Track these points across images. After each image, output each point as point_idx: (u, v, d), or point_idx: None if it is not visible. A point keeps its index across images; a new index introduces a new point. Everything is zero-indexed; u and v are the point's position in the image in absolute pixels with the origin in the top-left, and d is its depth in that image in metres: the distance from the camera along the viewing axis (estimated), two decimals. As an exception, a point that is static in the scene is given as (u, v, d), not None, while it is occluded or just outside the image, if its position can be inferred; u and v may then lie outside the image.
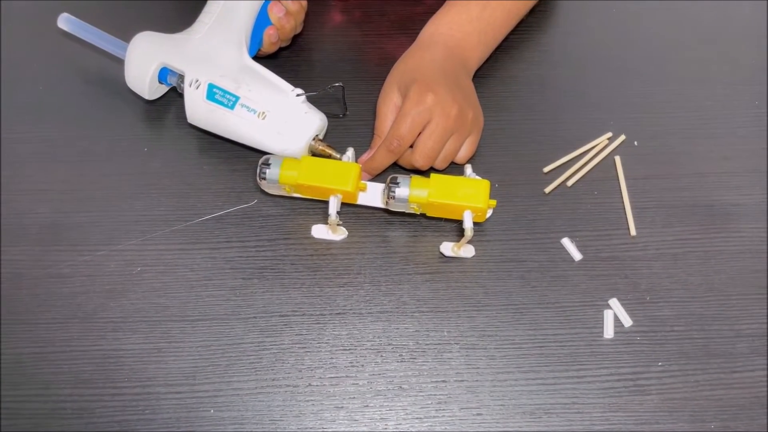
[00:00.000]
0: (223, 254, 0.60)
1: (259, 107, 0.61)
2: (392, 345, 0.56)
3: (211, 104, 0.61)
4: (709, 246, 0.61)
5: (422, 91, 0.59)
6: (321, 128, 0.63)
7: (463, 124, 0.61)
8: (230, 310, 0.57)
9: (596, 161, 0.66)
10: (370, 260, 0.60)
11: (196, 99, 0.62)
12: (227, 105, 0.61)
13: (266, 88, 0.62)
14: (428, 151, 0.60)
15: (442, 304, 0.58)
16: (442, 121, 0.59)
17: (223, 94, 0.61)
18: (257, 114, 0.60)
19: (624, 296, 0.58)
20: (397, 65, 0.65)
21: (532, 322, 0.57)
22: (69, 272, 0.59)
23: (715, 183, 0.65)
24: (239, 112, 0.61)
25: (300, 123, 0.61)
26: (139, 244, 0.60)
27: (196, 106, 0.62)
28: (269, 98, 0.61)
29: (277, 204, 0.63)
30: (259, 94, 0.61)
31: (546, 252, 0.61)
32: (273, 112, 0.61)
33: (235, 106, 0.61)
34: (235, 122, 0.61)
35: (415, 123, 0.59)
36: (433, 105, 0.59)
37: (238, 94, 0.61)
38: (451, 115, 0.59)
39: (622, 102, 0.70)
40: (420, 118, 0.59)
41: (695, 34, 0.76)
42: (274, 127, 0.61)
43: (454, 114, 0.60)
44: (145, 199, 0.63)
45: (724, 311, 0.58)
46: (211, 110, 0.62)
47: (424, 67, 0.62)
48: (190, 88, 0.62)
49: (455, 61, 0.64)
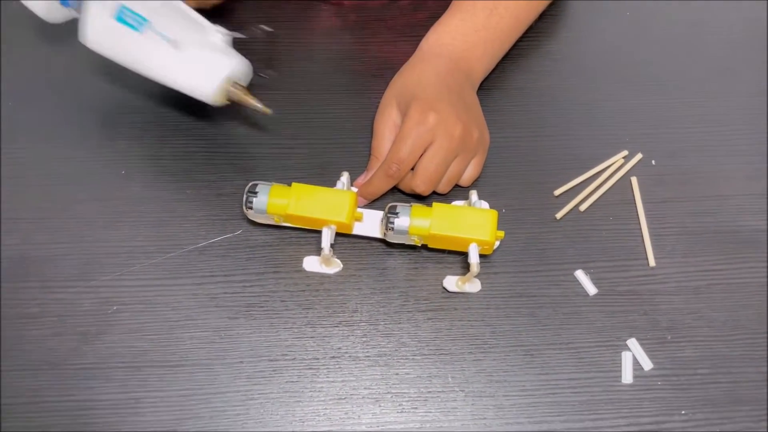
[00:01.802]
0: (207, 290, 0.55)
1: (172, 35, 0.54)
2: (391, 393, 0.51)
3: (119, 25, 0.54)
4: (734, 278, 0.57)
5: (423, 109, 0.54)
6: (241, 73, 0.56)
7: (468, 144, 0.56)
8: (214, 354, 0.52)
9: (611, 183, 0.61)
10: (366, 296, 0.55)
11: (102, 17, 0.55)
12: (137, 28, 0.54)
13: (185, 20, 0.55)
14: (430, 174, 0.55)
15: (446, 345, 0.53)
16: (446, 143, 0.54)
17: (135, 17, 0.54)
18: (170, 42, 0.54)
19: (643, 335, 0.54)
20: (396, 79, 0.60)
21: (543, 365, 0.53)
22: (38, 312, 0.54)
23: (740, 206, 0.60)
24: (150, 36, 0.54)
25: (215, 60, 0.55)
26: (115, 280, 0.55)
27: (101, 26, 0.55)
28: (186, 29, 0.55)
29: (265, 233, 0.58)
30: (175, 23, 0.55)
31: (558, 286, 0.56)
32: (188, 43, 0.54)
33: (145, 30, 0.54)
34: (144, 48, 0.55)
35: (416, 145, 0.54)
36: (435, 125, 0.54)
37: (151, 19, 0.54)
38: (454, 136, 0.54)
39: (638, 116, 0.65)
40: (421, 140, 0.54)
41: (719, 39, 0.70)
42: (187, 60, 0.55)
43: (458, 134, 0.55)
44: (121, 228, 0.58)
45: (752, 351, 0.53)
46: (117, 31, 0.54)
47: (425, 81, 0.57)
48: (96, 3, 0.55)
49: (459, 74, 0.59)
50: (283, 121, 0.63)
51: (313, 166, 0.61)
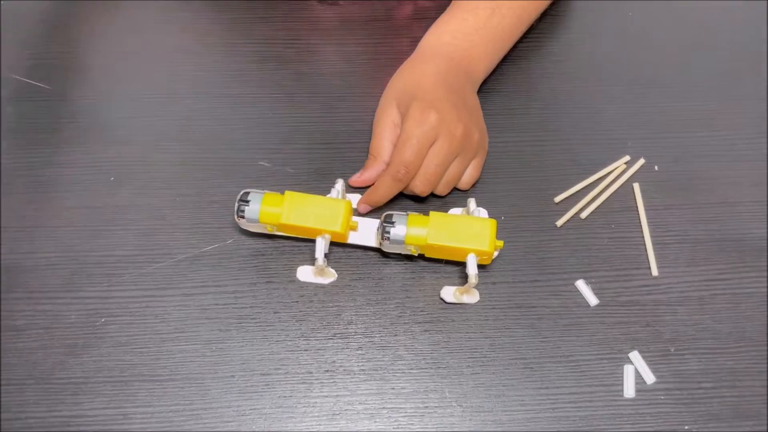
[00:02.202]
0: (198, 301, 0.53)
1: None
2: (387, 408, 0.50)
3: None
4: (739, 288, 0.55)
5: (424, 109, 0.53)
6: None
7: (469, 145, 0.55)
8: (205, 368, 0.51)
9: (613, 189, 0.59)
10: (362, 307, 0.54)
11: None
12: None
13: None
14: (430, 175, 0.54)
15: (443, 358, 0.52)
16: (447, 143, 0.53)
17: None
18: None
19: (645, 347, 0.52)
20: (395, 79, 0.58)
21: (543, 378, 0.51)
22: (24, 324, 0.52)
23: (745, 214, 0.58)
24: None
25: None
26: (104, 291, 0.54)
27: None
28: None
29: (257, 242, 0.56)
30: None
31: (558, 296, 0.54)
32: None
33: None
34: None
35: (422, 145, 0.53)
36: (437, 124, 0.53)
37: None
38: (456, 136, 0.53)
39: (641, 119, 0.63)
40: (425, 139, 0.53)
41: (724, 40, 0.68)
42: None
43: (459, 134, 0.53)
44: (110, 236, 0.56)
45: (758, 364, 0.52)
46: None
47: (426, 81, 0.56)
48: None
49: (460, 75, 0.57)
50: (276, 125, 0.62)
51: (307, 172, 0.59)
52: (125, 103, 0.62)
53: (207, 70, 0.65)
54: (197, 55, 0.66)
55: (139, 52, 0.66)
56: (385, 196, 0.55)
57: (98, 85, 0.64)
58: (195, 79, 0.64)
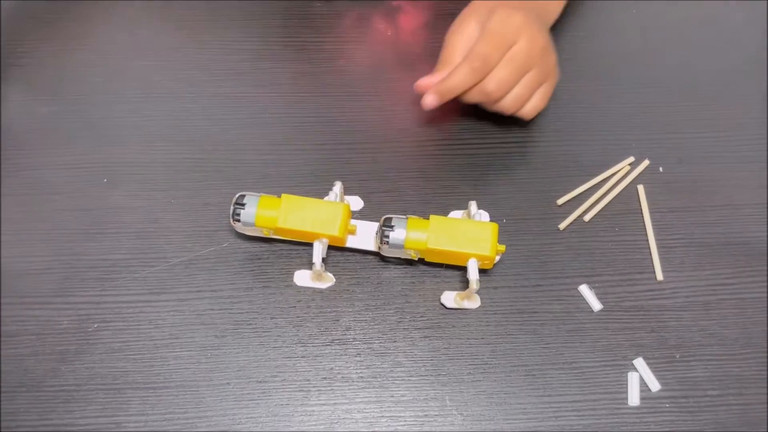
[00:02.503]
0: (193, 307, 0.52)
1: None
2: (386, 417, 0.49)
3: None
4: (745, 292, 0.54)
5: (511, 10, 0.53)
6: None
7: (545, 62, 0.55)
8: (200, 376, 0.50)
9: (617, 191, 0.58)
10: (360, 312, 0.53)
11: None
12: None
13: None
14: (503, 78, 0.53)
15: (443, 365, 0.51)
16: (527, 47, 0.53)
17: None
18: None
19: (650, 354, 0.51)
20: (473, 2, 0.57)
21: (546, 386, 0.50)
22: (15, 330, 0.51)
23: (752, 216, 0.57)
24: None
25: None
26: (96, 296, 0.52)
27: None
28: None
29: (254, 245, 0.55)
30: None
31: (561, 301, 0.53)
32: None
33: None
34: None
35: (504, 41, 0.53)
36: (521, 25, 0.53)
37: None
38: (536, 44, 0.53)
39: (645, 120, 0.62)
40: (508, 36, 0.53)
41: (729, 39, 0.67)
42: None
43: (539, 44, 0.54)
44: (103, 240, 0.55)
45: (765, 371, 0.51)
46: None
47: (509, 3, 0.55)
48: None
49: (533, 11, 0.57)
50: (272, 126, 0.60)
51: (304, 174, 0.58)
52: (118, 103, 0.61)
53: (202, 69, 0.64)
54: (192, 53, 0.65)
55: (134, 51, 0.65)
56: (457, 85, 0.53)
57: (91, 85, 0.62)
58: (189, 78, 0.63)
